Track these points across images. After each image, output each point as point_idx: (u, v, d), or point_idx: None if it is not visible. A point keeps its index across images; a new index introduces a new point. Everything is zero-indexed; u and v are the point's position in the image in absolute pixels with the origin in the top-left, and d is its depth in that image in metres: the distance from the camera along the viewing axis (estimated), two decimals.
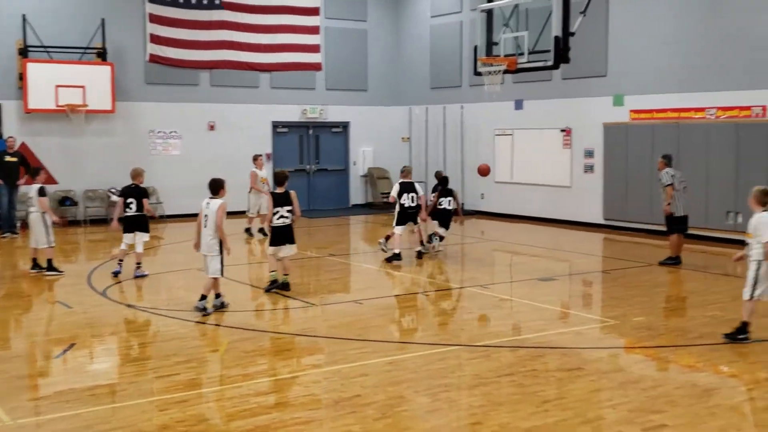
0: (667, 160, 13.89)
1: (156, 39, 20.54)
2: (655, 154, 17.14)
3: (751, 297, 8.71)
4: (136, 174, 13.11)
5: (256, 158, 18.29)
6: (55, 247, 13.44)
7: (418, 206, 14.47)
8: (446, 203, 14.84)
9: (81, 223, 19.93)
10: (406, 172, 14.83)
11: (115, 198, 20.12)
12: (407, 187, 14.47)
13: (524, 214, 20.27)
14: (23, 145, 19.14)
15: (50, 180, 18.56)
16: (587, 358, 8.28)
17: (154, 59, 20.55)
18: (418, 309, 11.07)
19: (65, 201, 19.86)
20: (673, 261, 13.79)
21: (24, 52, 19.04)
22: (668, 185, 13.57)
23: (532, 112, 20.26)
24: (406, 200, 14.37)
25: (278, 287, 11.40)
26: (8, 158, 17.82)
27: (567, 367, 7.88)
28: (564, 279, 13.22)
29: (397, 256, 14.16)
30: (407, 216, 14.44)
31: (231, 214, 21.18)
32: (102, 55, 19.87)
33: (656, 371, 7.98)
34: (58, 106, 19.13)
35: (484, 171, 15.90)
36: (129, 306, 10.71)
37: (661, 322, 9.94)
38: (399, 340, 8.98)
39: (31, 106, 19.00)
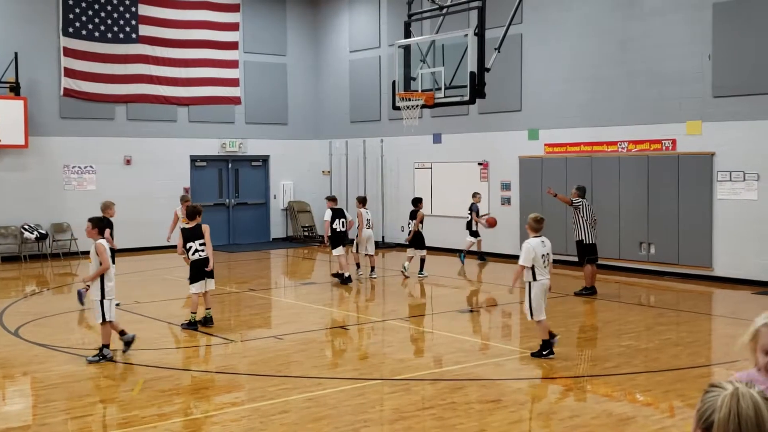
0: (581, 192, 14.36)
1: (71, 73, 20.28)
2: (569, 186, 17.65)
3: (532, 317, 9.59)
4: (106, 207, 13.37)
5: (184, 200, 16.60)
6: None
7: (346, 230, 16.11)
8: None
9: None
10: (335, 199, 16.53)
11: (28, 235, 19.61)
12: (339, 213, 16.02)
13: (444, 246, 20.51)
14: None
15: None
16: (506, 390, 8.41)
17: (69, 93, 20.25)
18: (339, 343, 11.07)
19: None
20: (589, 291, 14.16)
21: None
22: (574, 205, 14.18)
23: (450, 145, 20.63)
24: (338, 225, 15.90)
25: (202, 323, 11.27)
26: None
27: (486, 399, 7.99)
28: (483, 311, 13.42)
29: (347, 279, 15.46)
30: (340, 239, 15.80)
31: (150, 249, 21.01)
32: (15, 89, 19.39)
33: (574, 401, 8.16)
34: None
35: (491, 223, 18.00)
36: (41, 345, 10.39)
37: (577, 353, 10.18)
38: (319, 375, 8.96)
39: None
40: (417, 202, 16.95)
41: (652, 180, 16.45)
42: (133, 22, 21.10)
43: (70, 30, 20.28)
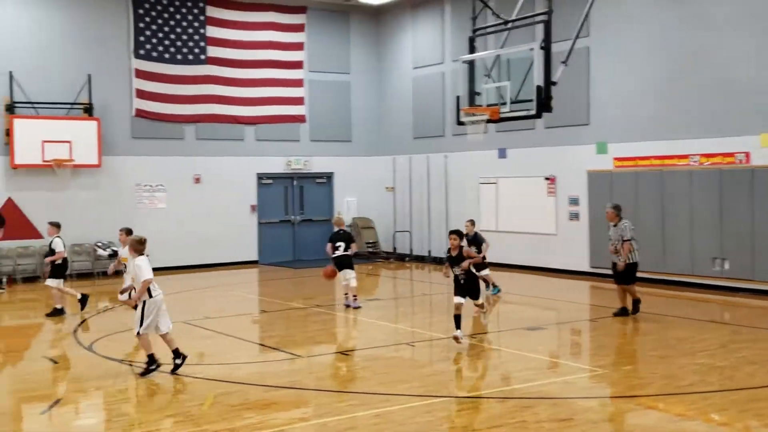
0: (618, 211, 13.54)
1: (142, 94, 20.81)
2: (639, 201, 17.34)
3: (138, 333, 9.70)
4: (340, 221, 15.31)
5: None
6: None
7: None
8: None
9: (68, 277, 19.73)
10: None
11: (101, 252, 20.11)
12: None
13: (509, 263, 20.31)
14: (9, 201, 19.15)
15: (34, 235, 18.76)
16: (577, 408, 8.24)
17: (141, 114, 20.77)
18: (405, 360, 11.01)
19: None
20: (625, 311, 13.51)
21: (11, 108, 19.12)
22: (629, 240, 13.21)
23: (515, 160, 20.46)
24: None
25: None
26: None
27: (558, 418, 7.84)
28: (552, 328, 13.21)
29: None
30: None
31: (218, 266, 21.32)
32: (89, 111, 19.98)
33: (647, 420, 7.95)
34: (44, 161, 19.18)
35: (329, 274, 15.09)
36: (114, 360, 10.60)
37: (650, 371, 9.93)
38: (386, 391, 8.92)
39: (18, 161, 19.03)
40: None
41: (725, 194, 16.02)
42: (202, 44, 21.56)
43: (141, 52, 20.82)
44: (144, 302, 9.77)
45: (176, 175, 21.53)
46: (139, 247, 10.10)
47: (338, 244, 14.86)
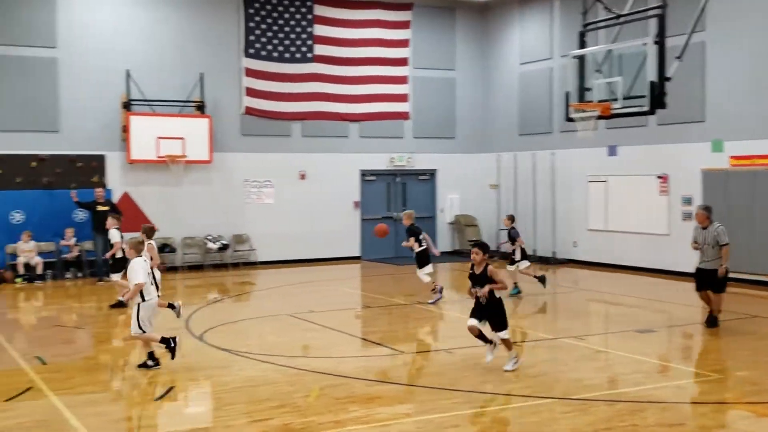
0: (710, 213, 12.75)
1: (251, 92, 21.29)
2: (756, 201, 16.59)
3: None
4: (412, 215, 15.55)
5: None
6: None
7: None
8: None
9: (178, 269, 20.48)
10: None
11: (211, 245, 20.71)
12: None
13: (619, 263, 19.78)
14: (125, 195, 19.95)
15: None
16: (688, 414, 7.95)
17: (250, 111, 21.27)
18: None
19: (164, 248, 20.46)
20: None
21: (127, 105, 19.90)
22: (726, 244, 12.41)
23: (626, 157, 19.90)
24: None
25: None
26: (100, 207, 18.65)
27: (669, 423, 7.58)
28: (662, 331, 12.79)
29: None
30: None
31: (323, 261, 21.60)
32: (201, 108, 20.60)
33: (762, 428, 7.60)
34: (159, 157, 19.88)
35: (381, 232, 15.50)
36: (224, 350, 10.89)
37: (765, 377, 9.48)
38: (491, 391, 8.82)
39: (134, 157, 19.79)
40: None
41: None
42: (309, 42, 21.89)
43: (251, 51, 21.31)
44: (138, 305, 9.81)
45: (282, 171, 21.94)
46: (139, 247, 10.19)
47: (421, 237, 15.32)
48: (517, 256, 15.88)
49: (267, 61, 21.50)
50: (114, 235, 15.06)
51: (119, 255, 14.74)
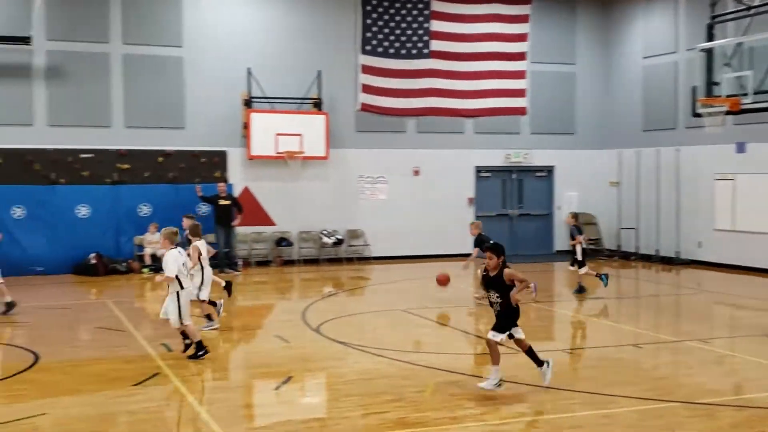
0: None
1: (367, 89, 21.44)
2: None
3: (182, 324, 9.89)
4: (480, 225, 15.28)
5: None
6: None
7: None
8: None
9: (295, 263, 20.90)
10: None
11: (326, 240, 21.03)
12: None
13: (747, 265, 18.88)
14: (245, 189, 20.50)
15: (266, 221, 20.06)
16: None
17: (366, 108, 21.42)
18: (631, 361, 10.52)
19: (281, 242, 20.94)
20: None
21: (248, 102, 20.43)
22: None
23: (756, 155, 18.94)
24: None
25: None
26: (222, 201, 19.22)
27: None
28: None
29: None
30: None
31: (437, 257, 21.55)
32: (318, 105, 20.93)
33: None
34: (277, 152, 20.32)
35: (442, 281, 14.58)
36: (340, 343, 11.01)
37: None
38: (612, 393, 8.56)
39: (254, 153, 20.30)
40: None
41: None
42: (426, 38, 21.87)
43: (368, 48, 21.46)
44: (177, 293, 9.91)
45: (397, 167, 22.03)
46: (172, 238, 10.10)
47: None
48: (579, 255, 15.67)
49: (383, 57, 21.61)
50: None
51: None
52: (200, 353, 9.93)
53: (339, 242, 21.19)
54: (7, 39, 18.42)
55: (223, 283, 14.92)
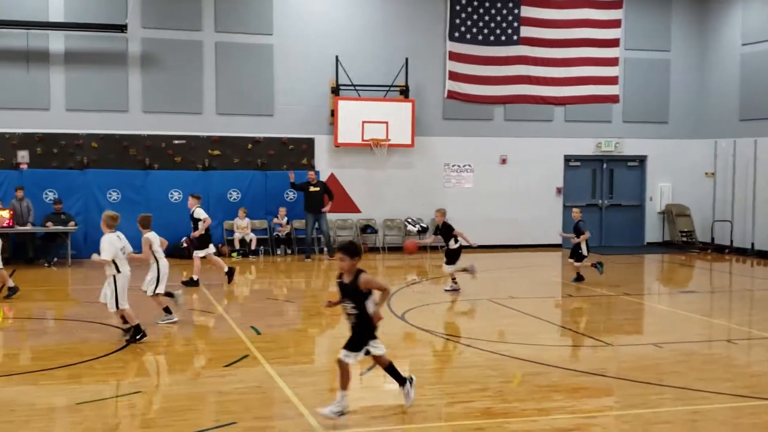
0: None
1: (455, 76, 21.34)
2: None
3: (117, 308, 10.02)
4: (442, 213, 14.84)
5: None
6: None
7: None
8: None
9: (380, 250, 21.01)
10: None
11: (411, 227, 21.03)
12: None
13: None
14: (331, 176, 20.69)
15: (352, 209, 20.23)
16: None
17: (452, 95, 21.32)
18: (724, 357, 10.19)
19: (366, 229, 21.08)
20: None
21: (336, 90, 20.58)
22: None
23: None
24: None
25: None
26: (312, 188, 19.44)
27: None
28: None
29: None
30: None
31: (522, 247, 21.31)
32: (404, 92, 20.93)
33: None
34: (363, 140, 20.42)
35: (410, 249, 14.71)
36: (425, 330, 11.01)
37: None
38: (704, 388, 8.30)
39: (341, 140, 20.46)
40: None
41: None
42: (515, 24, 21.59)
43: (456, 35, 21.33)
44: (114, 277, 9.93)
45: (483, 156, 21.85)
46: (111, 222, 10.06)
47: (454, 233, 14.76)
48: (585, 251, 15.68)
49: (471, 44, 21.44)
50: (200, 212, 15.21)
51: (201, 232, 14.99)
52: (138, 337, 9.99)
53: (423, 230, 21.18)
54: (103, 27, 19.05)
55: (226, 268, 15.17)
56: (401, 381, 7.49)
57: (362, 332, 7.24)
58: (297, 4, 20.62)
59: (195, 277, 14.91)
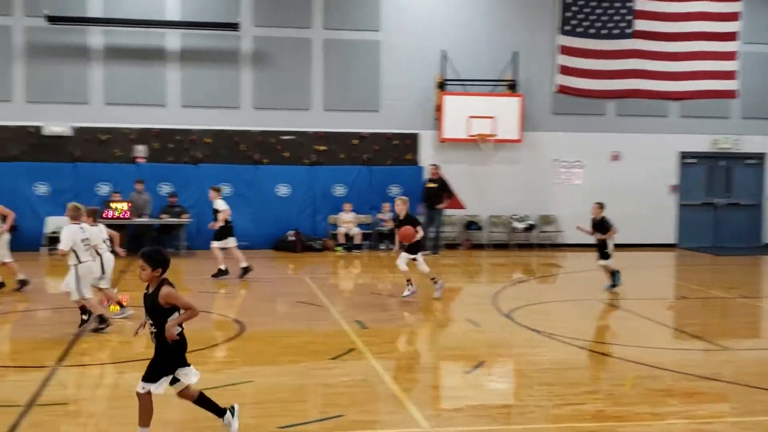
0: None
1: (565, 70, 20.91)
2: None
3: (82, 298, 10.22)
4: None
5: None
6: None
7: None
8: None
9: (484, 247, 20.81)
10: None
11: (517, 224, 20.74)
12: None
13: None
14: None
15: (456, 205, 20.05)
16: None
17: (563, 90, 20.90)
18: None
19: (471, 225, 20.92)
20: None
21: (442, 85, 20.49)
22: None
23: None
24: None
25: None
26: (429, 184, 19.43)
27: None
28: None
29: None
30: None
31: (635, 246, 20.65)
32: (512, 87, 20.65)
33: None
34: (469, 135, 20.27)
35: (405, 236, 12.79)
36: (533, 330, 10.81)
37: None
38: None
39: (446, 135, 20.37)
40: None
41: None
42: (629, 17, 20.95)
43: (567, 28, 20.89)
44: (76, 267, 10.11)
45: (594, 152, 21.35)
46: (73, 213, 10.23)
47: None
48: (611, 248, 14.13)
49: (583, 38, 20.96)
50: (220, 204, 15.12)
51: (222, 224, 14.97)
52: (102, 327, 10.12)
53: (530, 228, 20.87)
54: (217, 25, 19.57)
55: (244, 264, 15.04)
56: (220, 412, 6.40)
57: (165, 356, 6.12)
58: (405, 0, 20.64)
59: (222, 267, 14.96)
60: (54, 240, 18.61)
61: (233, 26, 19.49)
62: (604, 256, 14.10)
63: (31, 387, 7.59)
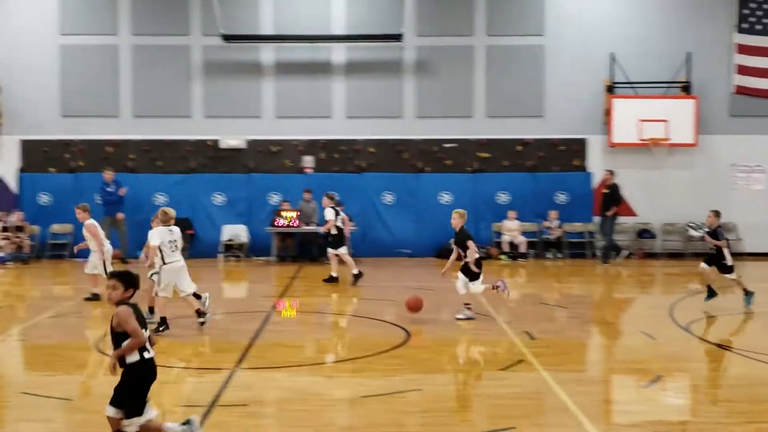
0: None
1: (744, 70, 19.80)
2: None
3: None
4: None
5: None
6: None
7: None
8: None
9: (657, 256, 19.93)
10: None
11: (693, 232, 19.69)
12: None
13: None
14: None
15: (627, 212, 19.31)
16: None
17: (741, 91, 19.79)
18: None
19: (643, 233, 20.11)
20: None
21: (610, 89, 19.85)
22: None
23: None
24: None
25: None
26: (603, 190, 19.00)
27: None
28: None
29: None
30: None
31: None
32: (686, 89, 19.71)
33: None
34: (641, 140, 19.50)
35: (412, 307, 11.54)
36: (712, 344, 10.18)
37: None
38: None
39: (615, 140, 19.70)
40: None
41: None
42: None
43: (745, 26, 19.76)
44: (160, 267, 10.56)
45: None
46: (164, 217, 10.74)
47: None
48: (729, 259, 12.61)
49: (763, 35, 19.71)
50: (328, 213, 15.45)
51: (334, 232, 15.36)
52: (160, 329, 10.45)
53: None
54: (381, 37, 19.89)
55: (356, 271, 15.10)
56: None
57: (128, 381, 5.83)
58: (569, 3, 20.20)
59: (356, 271, 15.22)
60: (229, 247, 19.55)
61: (397, 37, 19.75)
62: (723, 268, 12.84)
63: (213, 388, 7.93)
